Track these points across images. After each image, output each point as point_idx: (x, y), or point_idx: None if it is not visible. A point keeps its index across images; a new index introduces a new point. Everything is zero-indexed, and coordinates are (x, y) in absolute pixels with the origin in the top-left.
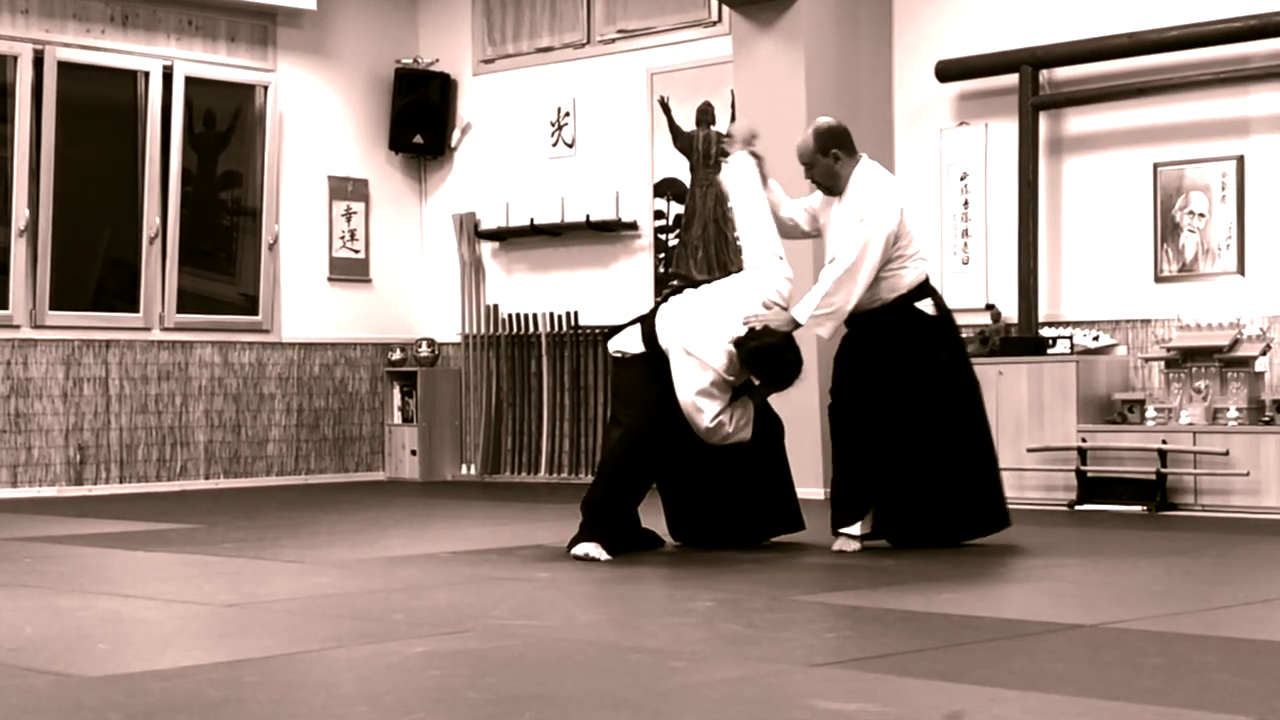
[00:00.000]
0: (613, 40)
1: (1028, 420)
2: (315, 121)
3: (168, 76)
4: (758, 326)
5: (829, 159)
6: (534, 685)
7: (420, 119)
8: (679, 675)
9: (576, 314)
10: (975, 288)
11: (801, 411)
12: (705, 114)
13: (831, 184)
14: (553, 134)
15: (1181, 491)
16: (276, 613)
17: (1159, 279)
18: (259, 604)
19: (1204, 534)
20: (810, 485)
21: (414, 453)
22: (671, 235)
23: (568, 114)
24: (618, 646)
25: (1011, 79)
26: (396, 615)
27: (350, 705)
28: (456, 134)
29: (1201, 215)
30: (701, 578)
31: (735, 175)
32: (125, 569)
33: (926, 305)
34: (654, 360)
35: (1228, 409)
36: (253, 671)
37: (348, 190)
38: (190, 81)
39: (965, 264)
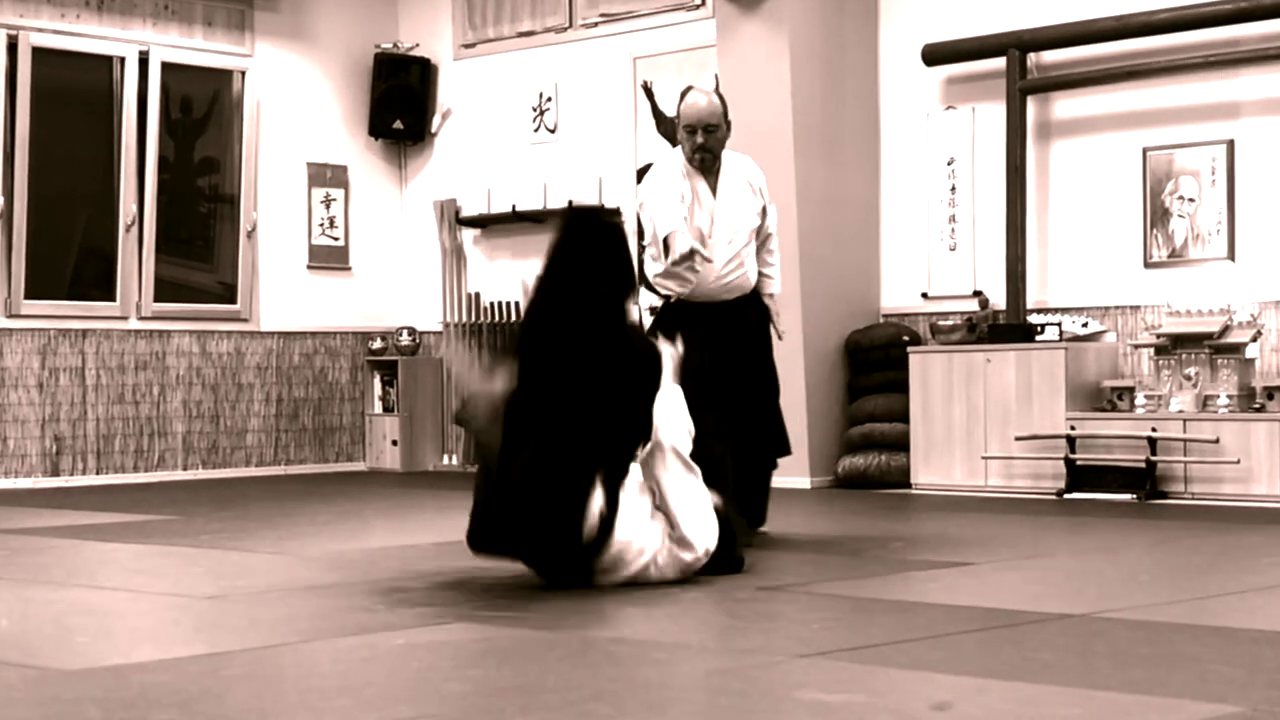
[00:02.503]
0: (595, 24)
1: (1015, 408)
2: (293, 107)
3: (144, 62)
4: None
5: (728, 126)
6: (517, 677)
7: (400, 104)
8: (664, 666)
9: None
10: (962, 274)
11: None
12: None
13: (719, 153)
14: (535, 119)
15: (1171, 480)
16: (256, 605)
17: (1148, 265)
18: (238, 596)
19: (1194, 522)
20: (798, 475)
21: (395, 443)
22: None
23: (550, 99)
24: (602, 638)
25: (999, 63)
26: (377, 607)
27: (331, 698)
28: (437, 119)
29: (1191, 200)
30: None
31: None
32: (102, 561)
33: None
34: None
35: (1218, 396)
36: (232, 664)
37: (327, 177)
38: (166, 67)
39: (952, 250)
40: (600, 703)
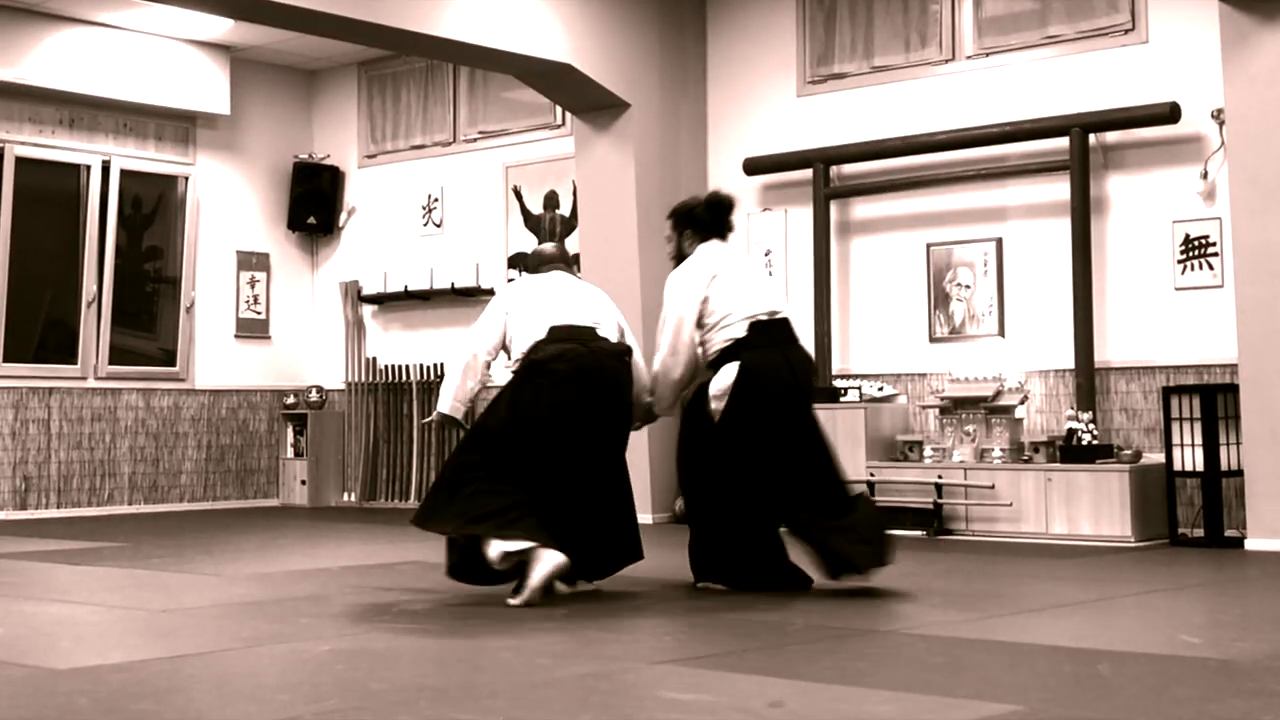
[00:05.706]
0: (474, 140)
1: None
2: (227, 205)
3: (105, 169)
4: None
5: None
6: (426, 678)
7: (314, 203)
8: (545, 670)
9: (442, 365)
10: None
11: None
12: (551, 200)
13: None
14: (424, 216)
15: (955, 519)
16: (202, 617)
17: (933, 340)
18: (187, 610)
19: (974, 555)
20: (643, 512)
21: (304, 482)
22: None
23: (436, 199)
24: (492, 646)
25: (806, 173)
26: (303, 619)
27: (274, 693)
28: (343, 216)
29: (968, 287)
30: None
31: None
32: (70, 580)
33: None
34: None
35: (993, 449)
36: (190, 665)
37: (252, 262)
38: (124, 173)
39: None
40: (495, 700)
